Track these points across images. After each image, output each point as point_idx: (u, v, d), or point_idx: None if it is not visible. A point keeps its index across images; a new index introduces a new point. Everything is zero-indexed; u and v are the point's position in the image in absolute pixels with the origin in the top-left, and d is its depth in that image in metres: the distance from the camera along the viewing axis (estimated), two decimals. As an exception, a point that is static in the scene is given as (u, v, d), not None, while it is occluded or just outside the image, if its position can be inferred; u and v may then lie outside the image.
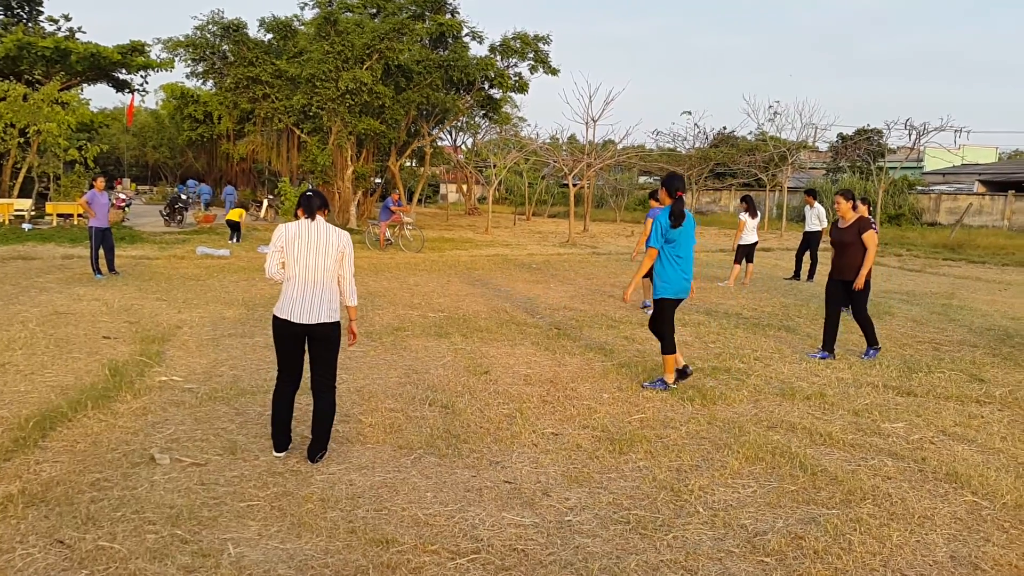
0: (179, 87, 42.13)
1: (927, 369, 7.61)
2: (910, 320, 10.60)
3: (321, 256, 4.71)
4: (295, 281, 4.71)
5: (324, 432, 4.87)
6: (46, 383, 6.33)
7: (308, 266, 4.70)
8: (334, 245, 4.75)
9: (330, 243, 4.74)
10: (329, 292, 4.77)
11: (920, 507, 4.33)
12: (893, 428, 5.75)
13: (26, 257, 15.47)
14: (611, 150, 30.83)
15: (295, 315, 4.68)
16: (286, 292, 4.74)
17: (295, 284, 4.71)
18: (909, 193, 35.26)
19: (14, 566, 3.44)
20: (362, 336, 8.59)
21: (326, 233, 4.75)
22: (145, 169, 63.36)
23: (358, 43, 22.59)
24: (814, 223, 14.95)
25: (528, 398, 6.33)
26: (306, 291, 4.69)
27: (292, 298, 4.70)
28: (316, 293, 4.71)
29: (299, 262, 4.70)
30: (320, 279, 4.72)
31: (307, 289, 4.69)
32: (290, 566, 3.52)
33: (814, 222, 14.96)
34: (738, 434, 5.49)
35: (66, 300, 10.42)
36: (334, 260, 4.76)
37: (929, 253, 22.06)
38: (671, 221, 6.41)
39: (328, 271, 4.75)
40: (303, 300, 4.68)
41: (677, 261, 6.53)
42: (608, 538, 3.89)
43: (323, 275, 4.73)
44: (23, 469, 4.50)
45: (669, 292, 6.59)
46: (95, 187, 12.96)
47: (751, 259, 14.25)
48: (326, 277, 4.75)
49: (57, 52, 27.65)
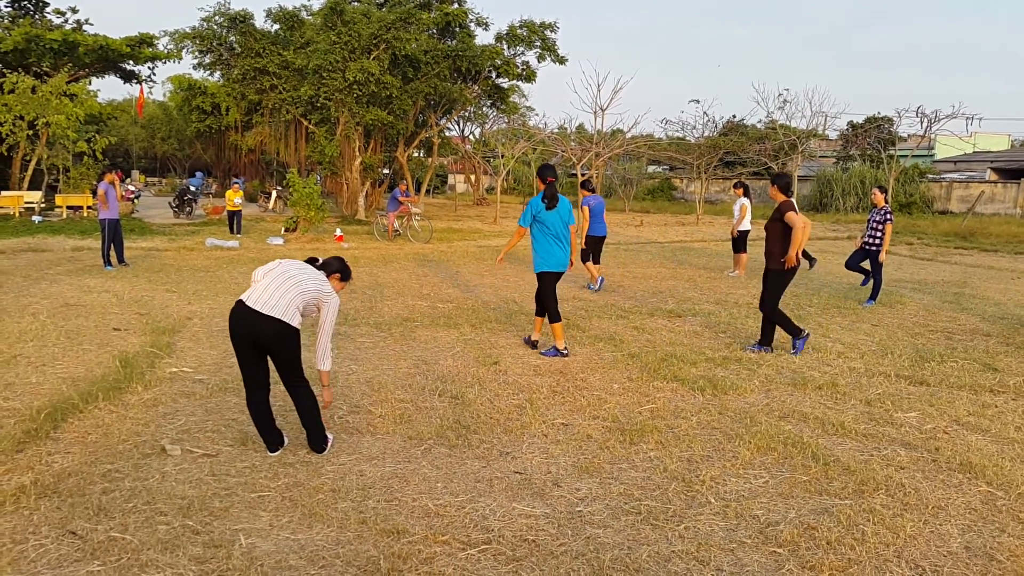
0: (186, 79, 42.12)
1: (940, 358, 7.56)
2: (922, 309, 10.53)
3: (288, 279, 4.56)
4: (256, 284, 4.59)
5: (313, 424, 4.73)
6: (57, 375, 6.35)
7: (273, 273, 4.60)
8: (311, 290, 4.58)
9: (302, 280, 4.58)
10: (287, 301, 4.48)
11: (934, 497, 4.30)
12: (906, 418, 5.71)
13: (36, 249, 15.53)
14: (619, 139, 30.68)
15: (250, 300, 4.48)
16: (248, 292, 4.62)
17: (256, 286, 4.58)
18: (920, 181, 35.00)
19: (27, 556, 3.45)
20: (371, 327, 8.59)
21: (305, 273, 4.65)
22: (154, 161, 63.48)
23: (365, 33, 22.53)
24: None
25: (538, 388, 6.31)
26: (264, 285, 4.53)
27: (252, 289, 4.58)
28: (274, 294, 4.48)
29: (271, 269, 4.63)
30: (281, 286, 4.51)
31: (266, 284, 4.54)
32: (301, 556, 3.52)
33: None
34: (750, 424, 5.46)
35: (76, 292, 10.46)
36: (299, 291, 4.53)
37: (940, 242, 21.91)
38: (544, 204, 7.22)
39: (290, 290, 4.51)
40: (262, 290, 4.50)
41: (554, 239, 7.31)
42: (619, 529, 3.88)
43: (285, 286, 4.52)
44: (35, 460, 4.52)
45: (548, 266, 7.37)
46: (106, 179, 13.00)
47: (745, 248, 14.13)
48: (287, 290, 4.51)
49: (65, 44, 27.65)
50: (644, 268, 15.00)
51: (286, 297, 4.50)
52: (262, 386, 4.67)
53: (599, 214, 12.06)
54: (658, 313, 9.83)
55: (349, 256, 15.74)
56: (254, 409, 4.71)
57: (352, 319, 9.03)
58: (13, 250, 15.21)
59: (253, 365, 4.62)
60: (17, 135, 22.41)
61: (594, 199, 12.08)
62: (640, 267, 15.18)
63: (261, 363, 4.64)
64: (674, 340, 8.24)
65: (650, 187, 46.10)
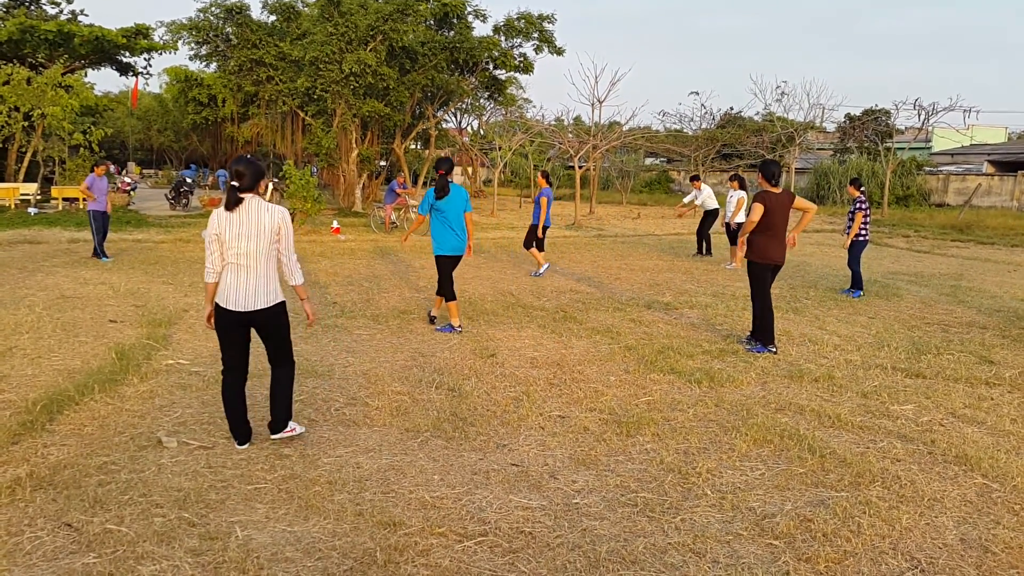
0: (183, 70, 42.03)
1: (936, 351, 7.57)
2: (919, 301, 10.54)
3: (254, 240, 4.47)
4: (230, 267, 4.50)
5: (284, 403, 4.74)
6: (53, 367, 6.34)
7: (241, 252, 4.46)
8: (267, 226, 4.49)
9: (263, 224, 4.48)
10: (267, 276, 4.54)
11: (929, 489, 4.31)
12: (902, 410, 5.72)
13: (32, 241, 15.48)
14: (617, 131, 30.63)
15: (232, 303, 4.49)
16: (224, 278, 4.54)
17: (231, 270, 4.50)
18: (917, 174, 35.01)
19: (23, 549, 3.44)
20: (368, 319, 8.58)
21: (258, 213, 4.48)
22: (150, 153, 63.32)
23: (362, 24, 22.44)
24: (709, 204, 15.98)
25: (535, 381, 6.31)
26: (241, 277, 4.49)
27: (229, 284, 4.50)
28: (253, 279, 4.50)
29: (231, 248, 4.47)
30: (255, 264, 4.49)
31: (243, 275, 4.49)
32: (297, 549, 3.52)
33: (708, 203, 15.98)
34: (746, 416, 5.46)
35: (72, 284, 10.43)
36: (269, 241, 4.52)
37: (937, 234, 21.92)
38: (437, 194, 7.73)
39: (264, 254, 4.51)
40: (239, 287, 4.48)
41: (447, 226, 7.84)
42: (615, 520, 3.88)
43: (257, 260, 4.49)
44: (31, 452, 4.51)
45: (444, 250, 7.92)
46: (95, 172, 12.98)
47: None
48: (261, 261, 4.51)
49: (60, 35, 27.55)
50: (641, 261, 15.00)
51: (266, 276, 4.55)
52: (242, 370, 4.71)
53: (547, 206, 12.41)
54: (655, 306, 9.83)
55: (346, 249, 15.73)
56: (232, 396, 4.69)
57: (349, 311, 9.02)
58: (9, 242, 15.16)
59: (238, 345, 4.66)
60: (13, 127, 22.33)
61: (548, 192, 12.45)
62: (637, 259, 15.18)
63: (247, 344, 4.70)
64: (671, 332, 8.24)
65: (647, 179, 46.04)
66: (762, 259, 7.39)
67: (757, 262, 7.43)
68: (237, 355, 4.68)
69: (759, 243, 7.38)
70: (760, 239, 7.36)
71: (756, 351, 7.37)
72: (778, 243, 7.39)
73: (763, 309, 7.45)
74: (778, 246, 7.40)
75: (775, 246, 7.38)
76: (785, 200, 7.36)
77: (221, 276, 4.56)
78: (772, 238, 7.35)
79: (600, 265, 14.16)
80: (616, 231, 22.02)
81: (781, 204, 7.33)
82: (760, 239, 7.36)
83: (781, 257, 7.45)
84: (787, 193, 7.42)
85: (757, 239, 7.38)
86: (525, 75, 27.53)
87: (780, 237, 7.40)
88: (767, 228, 7.32)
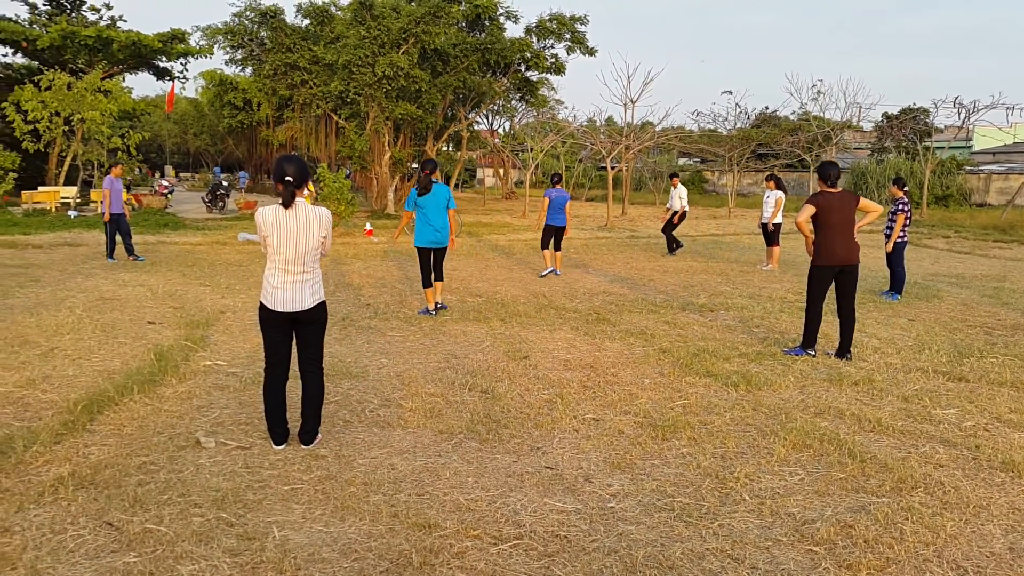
0: (218, 74, 42.59)
1: (979, 354, 7.40)
2: (960, 303, 10.32)
3: (301, 245, 4.56)
4: (275, 269, 4.59)
5: (315, 414, 4.82)
6: (93, 367, 6.45)
7: (289, 258, 4.55)
8: (315, 231, 4.60)
9: (311, 230, 4.58)
10: (312, 277, 4.66)
11: (975, 496, 4.20)
12: (945, 414, 5.59)
13: (72, 244, 15.79)
14: (650, 132, 30.45)
15: (279, 304, 4.58)
16: (268, 279, 4.62)
17: (276, 272, 4.59)
18: (957, 173, 34.33)
19: (66, 547, 3.50)
20: (402, 321, 8.61)
21: (306, 219, 4.57)
22: (187, 156, 64.34)
23: (394, 27, 22.58)
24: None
25: (568, 383, 6.28)
26: (287, 280, 4.58)
27: (274, 286, 4.59)
28: (298, 281, 4.60)
29: (279, 252, 4.56)
30: (301, 268, 4.59)
31: (289, 278, 4.58)
32: (334, 549, 3.53)
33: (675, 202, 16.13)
34: (784, 420, 5.38)
35: (111, 286, 10.61)
36: (315, 246, 4.64)
37: (979, 235, 21.46)
38: (419, 192, 8.52)
39: (309, 255, 4.61)
40: (286, 290, 4.58)
41: (427, 221, 8.61)
42: (652, 525, 3.84)
43: (304, 264, 4.59)
44: (72, 452, 4.59)
45: (421, 243, 8.74)
46: (113, 173, 13.23)
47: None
48: (308, 264, 4.62)
49: (99, 41, 28.09)
50: (675, 262, 14.88)
51: (312, 278, 4.67)
52: (284, 367, 4.77)
53: (560, 207, 12.46)
54: (690, 307, 9.74)
55: (378, 251, 15.83)
56: (273, 395, 4.74)
57: (382, 313, 9.06)
58: (50, 244, 15.48)
59: (282, 343, 4.74)
60: (53, 131, 22.79)
61: (556, 192, 12.51)
62: (671, 261, 15.07)
63: (290, 341, 4.79)
64: (706, 335, 8.16)
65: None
66: (827, 261, 7.12)
67: (820, 265, 7.16)
68: (281, 351, 4.75)
69: (825, 245, 7.13)
70: (826, 241, 7.11)
71: (794, 353, 7.26)
72: (843, 242, 7.08)
73: (816, 312, 7.23)
74: (843, 245, 7.09)
75: (839, 245, 7.08)
76: (846, 199, 7.08)
77: (266, 275, 4.65)
78: (834, 237, 7.08)
79: (633, 267, 14.08)
80: (649, 232, 21.89)
81: (841, 204, 7.05)
82: (826, 241, 7.11)
83: (848, 256, 7.12)
84: (848, 193, 7.14)
85: (823, 241, 7.13)
86: (557, 76, 27.52)
87: (844, 236, 7.09)
88: (826, 227, 7.08)
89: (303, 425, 4.82)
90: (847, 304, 7.26)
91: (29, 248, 14.85)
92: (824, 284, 7.23)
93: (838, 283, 7.25)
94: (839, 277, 7.22)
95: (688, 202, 16.26)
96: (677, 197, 16.02)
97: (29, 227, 17.88)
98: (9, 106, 22.41)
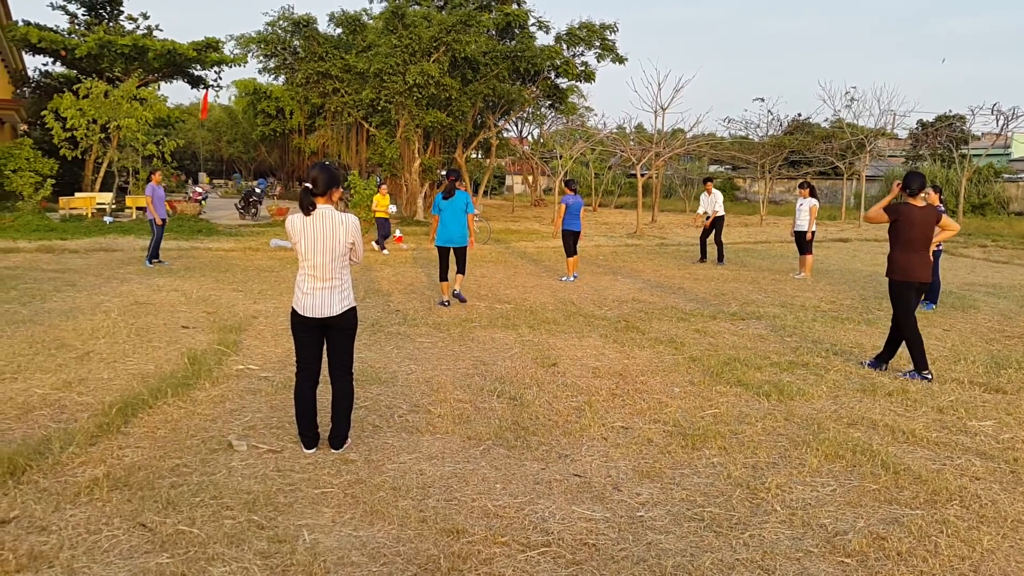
0: (251, 83, 43.14)
1: (1017, 365, 7.26)
2: (997, 314, 10.13)
3: (329, 253, 4.60)
4: (305, 276, 4.64)
5: (345, 418, 4.84)
6: (128, 371, 6.55)
7: (317, 264, 4.59)
8: (341, 238, 4.62)
9: (337, 236, 4.60)
10: (340, 284, 4.68)
11: (1013, 510, 4.12)
12: (981, 426, 5.49)
13: (107, 249, 16.07)
14: (680, 139, 30.31)
15: (309, 311, 4.63)
16: (299, 286, 4.68)
17: (306, 279, 4.64)
18: (995, 181, 33.73)
19: (101, 547, 3.55)
20: (430, 327, 8.65)
21: (333, 227, 4.60)
22: (220, 164, 65.19)
23: (425, 36, 22.72)
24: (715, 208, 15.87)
25: (597, 391, 6.26)
26: (317, 287, 4.62)
27: (305, 292, 4.64)
28: (328, 288, 4.63)
29: (307, 259, 4.61)
30: (330, 275, 4.62)
31: (318, 284, 4.62)
32: (363, 553, 3.55)
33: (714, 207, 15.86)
34: (817, 431, 5.32)
35: (146, 290, 10.78)
36: (343, 253, 4.66)
37: (1017, 244, 21.05)
38: (444, 196, 9.88)
39: (337, 262, 4.64)
40: (315, 296, 4.62)
41: (447, 222, 9.95)
42: (681, 535, 3.81)
43: (332, 270, 4.63)
44: (107, 454, 4.66)
45: (439, 242, 10.07)
46: (154, 180, 13.51)
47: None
48: (336, 271, 4.65)
49: (135, 49, 28.58)
50: (705, 270, 14.78)
51: (341, 285, 4.69)
52: (315, 371, 4.81)
53: (576, 212, 12.62)
54: (720, 316, 9.67)
55: (407, 257, 15.91)
56: (304, 399, 4.79)
57: (411, 319, 9.10)
58: (86, 250, 15.77)
59: (313, 346, 4.78)
60: (91, 138, 23.20)
61: (572, 198, 12.64)
62: (701, 269, 14.97)
63: (320, 345, 4.82)
64: (737, 344, 8.09)
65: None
66: (903, 277, 6.88)
67: (899, 280, 6.91)
68: (311, 355, 4.79)
69: (899, 260, 6.88)
70: (900, 256, 6.87)
71: (909, 376, 6.85)
72: (919, 259, 6.85)
73: (913, 331, 6.91)
74: (920, 263, 6.86)
75: (917, 263, 6.84)
76: (928, 214, 6.83)
77: (297, 282, 4.71)
78: (912, 254, 6.84)
79: (663, 274, 14.01)
80: (679, 240, 21.76)
81: (923, 218, 6.81)
82: (900, 256, 6.87)
83: (925, 274, 6.91)
84: (931, 208, 6.90)
85: (897, 256, 6.89)
86: (587, 83, 27.45)
87: (921, 253, 6.87)
88: (906, 243, 6.83)
89: (333, 429, 4.85)
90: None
91: (66, 253, 15.14)
92: (909, 299, 6.92)
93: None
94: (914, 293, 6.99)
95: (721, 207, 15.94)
96: (711, 202, 15.86)
97: (66, 232, 18.22)
98: (48, 114, 22.86)
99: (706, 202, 16.00)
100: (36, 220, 19.60)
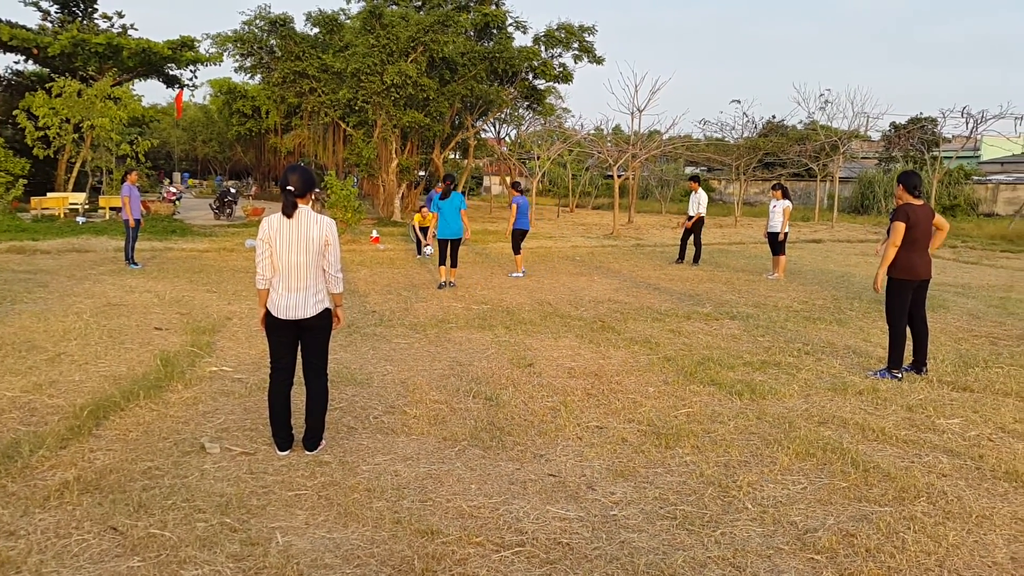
0: (227, 82, 42.79)
1: (984, 364, 7.39)
2: (966, 313, 10.30)
3: (303, 253, 4.58)
4: (280, 277, 4.61)
5: (319, 420, 4.83)
6: (100, 373, 6.48)
7: (291, 264, 4.57)
8: (316, 239, 4.60)
9: (311, 237, 4.58)
10: (315, 286, 4.66)
11: (978, 506, 4.19)
12: (948, 424, 5.58)
13: (80, 249, 15.88)
14: (656, 140, 30.48)
15: (283, 312, 4.61)
16: (274, 287, 4.64)
17: (281, 280, 4.61)
18: (965, 183, 34.25)
19: (70, 551, 3.52)
20: (407, 328, 8.64)
21: (307, 225, 4.58)
22: (195, 163, 64.60)
23: (403, 36, 22.68)
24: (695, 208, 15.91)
25: (572, 391, 6.29)
26: (291, 288, 4.60)
27: (280, 293, 4.61)
28: (302, 289, 4.61)
29: (282, 259, 4.58)
30: (304, 275, 4.60)
31: (292, 285, 4.60)
32: (337, 555, 3.55)
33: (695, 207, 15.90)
34: (788, 429, 5.38)
35: (119, 292, 10.67)
36: (317, 253, 4.63)
37: (986, 245, 21.41)
38: (441, 196, 11.55)
39: (312, 265, 4.62)
40: (290, 297, 4.60)
41: (446, 218, 11.57)
42: (654, 533, 3.84)
43: (307, 271, 4.61)
44: (78, 457, 4.61)
45: (441, 235, 11.70)
46: (130, 180, 13.40)
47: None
48: (310, 272, 4.62)
49: (110, 48, 28.25)
50: (680, 270, 14.89)
51: (315, 286, 4.67)
52: (289, 372, 4.80)
53: (525, 211, 13.72)
54: (695, 316, 9.74)
55: (384, 258, 15.87)
56: (278, 400, 4.78)
57: (387, 320, 9.09)
58: (58, 250, 15.57)
59: (287, 346, 4.76)
60: (63, 138, 22.92)
61: (521, 199, 13.74)
62: (677, 269, 15.07)
63: (295, 345, 4.80)
64: (711, 343, 8.16)
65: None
66: (908, 275, 6.89)
67: (902, 279, 6.91)
68: (285, 356, 4.78)
69: (903, 259, 6.87)
70: (904, 255, 6.87)
71: (879, 375, 6.91)
72: (921, 257, 6.90)
73: (901, 333, 6.93)
74: (922, 259, 6.91)
75: (919, 260, 6.89)
76: (927, 213, 6.89)
77: (271, 283, 4.66)
78: (916, 252, 6.87)
79: (639, 275, 14.09)
80: (655, 241, 21.90)
81: (924, 217, 6.86)
82: (904, 255, 6.87)
83: (928, 271, 6.97)
84: (928, 207, 6.95)
85: (901, 255, 6.88)
86: (564, 85, 27.54)
87: (923, 250, 6.93)
88: (911, 243, 6.84)
89: (307, 431, 4.84)
90: (921, 315, 7.10)
91: (37, 254, 14.94)
92: (906, 298, 6.96)
93: (912, 296, 7.02)
94: (915, 291, 7.02)
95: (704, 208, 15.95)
96: (696, 202, 15.87)
97: (38, 233, 17.98)
98: (20, 113, 22.55)
99: (694, 201, 16.01)
100: (7, 220, 19.35)
